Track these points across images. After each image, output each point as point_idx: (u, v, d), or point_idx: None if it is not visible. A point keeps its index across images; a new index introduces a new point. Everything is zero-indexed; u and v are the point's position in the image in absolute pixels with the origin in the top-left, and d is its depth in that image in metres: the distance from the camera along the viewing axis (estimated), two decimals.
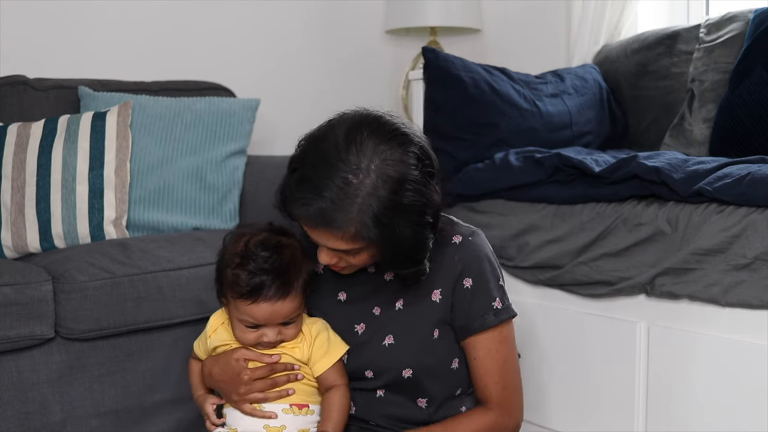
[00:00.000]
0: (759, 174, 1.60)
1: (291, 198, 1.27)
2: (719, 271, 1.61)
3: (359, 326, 1.44)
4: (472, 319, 1.41)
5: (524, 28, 3.04)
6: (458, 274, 1.40)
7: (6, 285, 1.71)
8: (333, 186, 1.21)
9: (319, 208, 1.22)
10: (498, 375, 1.42)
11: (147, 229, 2.20)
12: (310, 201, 1.23)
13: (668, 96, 2.41)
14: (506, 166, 2.08)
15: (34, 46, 2.54)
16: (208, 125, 2.35)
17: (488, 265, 1.43)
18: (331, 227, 1.23)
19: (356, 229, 1.23)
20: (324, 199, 1.22)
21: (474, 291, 1.41)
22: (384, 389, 1.44)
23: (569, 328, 1.93)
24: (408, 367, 1.41)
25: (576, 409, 1.92)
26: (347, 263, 1.34)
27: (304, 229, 1.31)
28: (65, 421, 1.80)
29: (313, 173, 1.23)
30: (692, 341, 1.67)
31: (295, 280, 1.34)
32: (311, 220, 1.25)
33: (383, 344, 1.41)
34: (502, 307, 1.42)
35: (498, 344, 1.42)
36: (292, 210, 1.28)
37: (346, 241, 1.26)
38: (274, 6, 3.06)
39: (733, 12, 2.29)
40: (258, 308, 1.32)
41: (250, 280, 1.31)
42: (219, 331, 1.43)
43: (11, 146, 2.09)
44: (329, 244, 1.29)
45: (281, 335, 1.36)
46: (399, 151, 1.25)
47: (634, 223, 1.79)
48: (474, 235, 1.44)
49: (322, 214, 1.22)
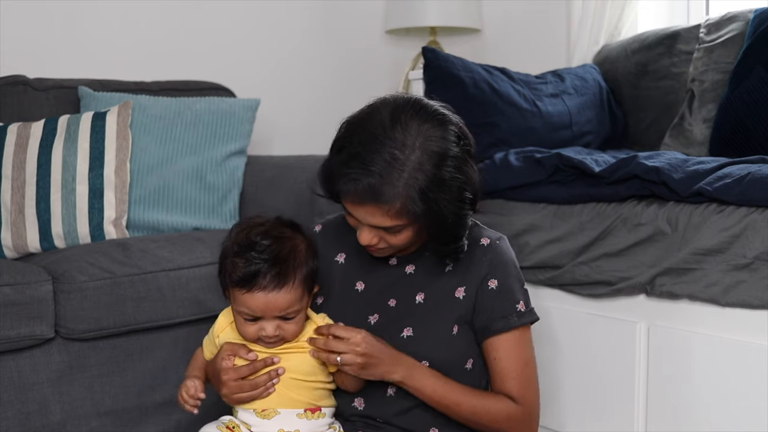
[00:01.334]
0: (759, 174, 1.60)
1: (338, 175, 1.30)
2: (719, 271, 1.61)
3: (373, 317, 1.45)
4: (496, 320, 1.43)
5: (524, 28, 3.04)
6: (484, 274, 1.43)
7: (6, 285, 1.71)
8: (381, 161, 1.26)
9: (368, 182, 1.26)
10: (518, 373, 1.44)
11: (147, 229, 2.20)
12: (358, 176, 1.27)
13: (668, 96, 2.41)
14: (506, 166, 2.08)
15: (34, 46, 2.54)
16: (208, 125, 2.35)
17: (514, 269, 1.46)
18: (378, 201, 1.27)
19: (402, 203, 1.27)
20: (372, 173, 1.26)
21: (499, 292, 1.43)
22: (395, 387, 1.43)
23: (569, 328, 1.93)
24: (425, 359, 1.41)
25: (576, 409, 1.92)
26: (387, 243, 1.36)
27: (348, 209, 1.33)
28: (65, 421, 1.80)
29: (361, 149, 1.28)
30: (692, 341, 1.67)
31: (292, 272, 1.33)
32: (359, 195, 1.28)
33: (401, 336, 1.42)
34: (525, 310, 1.45)
35: (519, 346, 1.44)
36: (340, 187, 1.30)
37: (391, 217, 1.29)
38: (274, 6, 3.06)
39: (733, 12, 2.29)
40: (252, 298, 1.32)
41: (246, 267, 1.31)
42: (227, 330, 1.42)
43: (11, 146, 2.09)
44: (374, 221, 1.31)
45: (281, 330, 1.35)
46: (440, 129, 1.31)
47: (634, 223, 1.79)
48: (501, 240, 1.48)
49: (371, 188, 1.26)
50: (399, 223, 1.31)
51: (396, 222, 1.30)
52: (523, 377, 1.44)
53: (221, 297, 1.97)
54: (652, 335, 1.75)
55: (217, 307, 1.97)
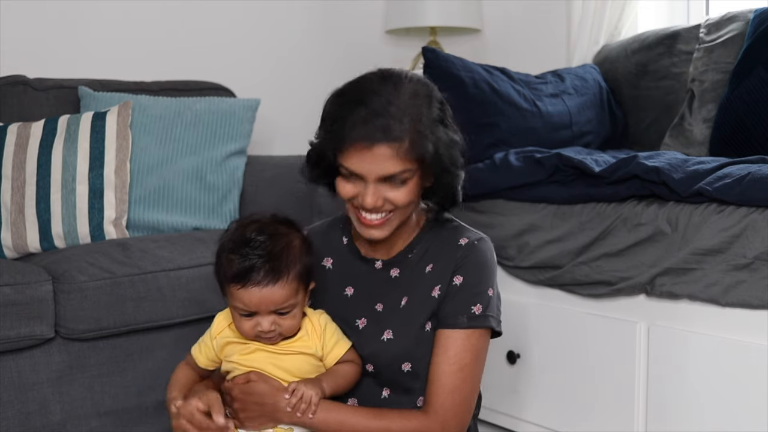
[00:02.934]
0: (759, 174, 1.60)
1: (342, 128, 1.32)
2: (719, 271, 1.61)
3: (360, 321, 1.47)
4: (447, 316, 1.41)
5: (524, 28, 3.04)
6: (452, 271, 1.43)
7: (6, 285, 1.71)
8: (383, 104, 1.32)
9: (378, 121, 1.31)
10: (447, 379, 1.39)
11: (147, 229, 2.20)
12: (369, 118, 1.31)
13: (668, 96, 2.41)
14: (506, 166, 2.08)
15: (34, 46, 2.54)
16: (208, 125, 2.35)
17: (484, 271, 1.44)
18: (389, 139, 1.31)
19: (410, 139, 1.32)
20: (380, 113, 1.31)
21: (460, 289, 1.42)
22: (389, 389, 1.44)
23: (569, 328, 1.93)
24: (406, 360, 1.42)
25: (576, 409, 1.92)
26: (390, 207, 1.36)
27: (353, 164, 1.33)
28: (65, 421, 1.80)
29: (363, 97, 1.33)
30: (692, 341, 1.67)
31: (286, 268, 1.34)
32: (369, 135, 1.31)
33: (382, 338, 1.43)
34: (480, 314, 1.41)
35: (461, 349, 1.40)
36: (347, 134, 1.32)
37: (401, 157, 1.31)
38: (274, 6, 3.06)
39: (733, 12, 2.29)
40: (247, 293, 1.33)
41: (240, 263, 1.33)
42: (226, 331, 1.43)
43: (11, 146, 2.09)
44: (382, 167, 1.32)
45: (277, 326, 1.36)
46: (422, 82, 1.40)
47: (634, 223, 1.79)
48: (480, 241, 1.46)
49: (382, 126, 1.30)
50: (407, 167, 1.33)
51: (405, 165, 1.32)
52: (452, 383, 1.39)
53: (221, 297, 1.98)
54: (652, 335, 1.75)
55: (217, 308, 1.96)
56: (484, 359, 1.45)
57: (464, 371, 1.40)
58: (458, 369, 1.40)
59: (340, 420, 1.36)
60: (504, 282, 2.09)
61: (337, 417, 1.36)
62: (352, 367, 1.43)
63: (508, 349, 2.06)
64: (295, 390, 1.34)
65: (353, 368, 1.43)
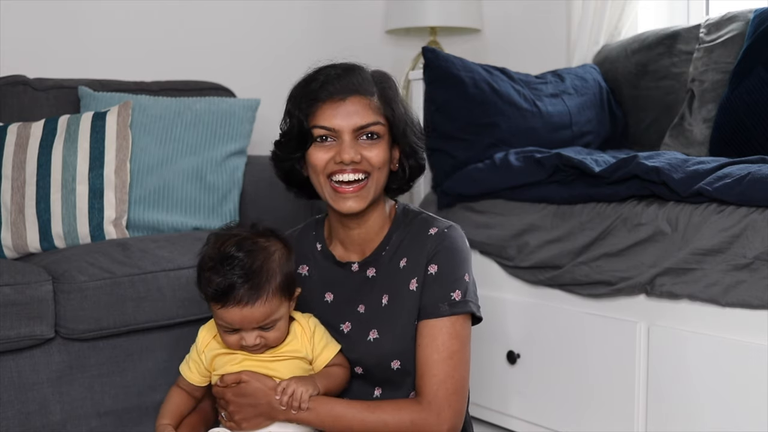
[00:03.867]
0: (759, 174, 1.60)
1: (313, 91, 1.43)
2: (719, 271, 1.61)
3: (345, 325, 1.47)
4: (428, 305, 1.42)
5: (524, 28, 3.04)
6: (426, 261, 1.43)
7: (6, 285, 1.71)
8: (354, 68, 1.48)
9: (351, 79, 1.44)
10: (438, 368, 1.39)
11: (147, 229, 2.20)
12: (341, 75, 1.44)
13: (668, 96, 2.41)
14: (506, 166, 2.08)
15: (34, 46, 2.54)
16: (208, 125, 2.35)
17: (457, 257, 1.44)
18: (361, 92, 1.43)
19: (379, 96, 1.44)
20: (351, 77, 1.45)
21: (436, 278, 1.42)
22: (380, 388, 1.45)
23: (569, 328, 1.93)
24: (395, 358, 1.43)
25: (576, 409, 1.92)
26: (368, 164, 1.41)
27: (328, 118, 1.41)
28: (65, 421, 1.80)
29: (335, 66, 1.49)
30: (692, 341, 1.67)
31: (266, 284, 1.33)
32: (343, 89, 1.42)
33: (368, 339, 1.44)
34: (460, 300, 1.41)
35: (447, 336, 1.40)
36: (320, 94, 1.42)
37: (374, 110, 1.42)
38: (274, 6, 3.06)
39: (733, 12, 2.29)
40: (228, 312, 1.32)
41: (219, 283, 1.31)
42: (212, 344, 1.42)
43: (11, 146, 2.09)
44: (357, 118, 1.41)
45: (262, 339, 1.36)
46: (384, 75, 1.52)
47: (634, 223, 1.79)
48: (450, 229, 1.47)
49: (355, 83, 1.43)
50: (378, 120, 1.42)
51: (376, 117, 1.42)
52: (443, 371, 1.38)
53: None
54: (652, 335, 1.75)
55: None
56: (469, 347, 1.44)
57: (454, 359, 1.40)
58: (447, 357, 1.39)
59: (335, 415, 1.36)
60: (504, 282, 2.09)
61: (332, 412, 1.37)
62: (342, 370, 1.44)
63: (508, 349, 2.06)
64: (285, 388, 1.34)
65: (343, 371, 1.44)
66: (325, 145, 1.40)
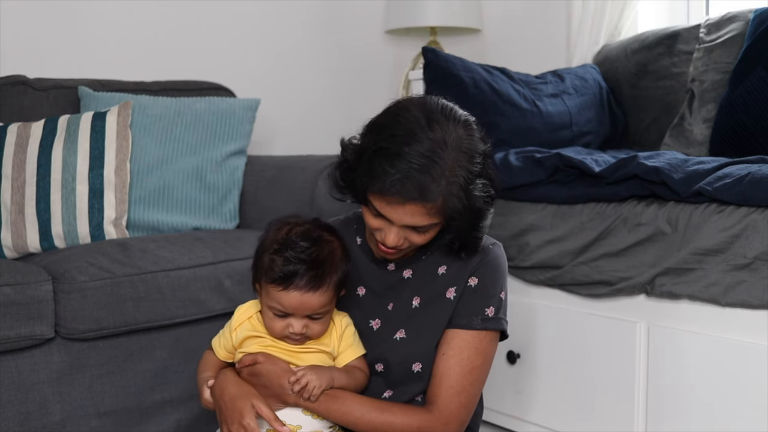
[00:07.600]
0: (759, 174, 1.60)
1: (379, 175, 1.29)
2: (719, 271, 1.61)
3: (374, 322, 1.47)
4: (461, 316, 1.42)
5: (524, 28, 3.04)
6: (469, 273, 1.43)
7: (6, 285, 1.71)
8: (424, 160, 1.28)
9: (416, 181, 1.27)
10: (456, 380, 1.40)
11: (147, 229, 2.20)
12: (405, 174, 1.27)
13: (668, 96, 2.41)
14: (506, 166, 2.08)
15: (34, 46, 2.54)
16: (208, 125, 2.35)
17: (497, 274, 1.45)
18: (424, 200, 1.28)
19: (443, 199, 1.29)
20: (419, 172, 1.27)
21: (475, 290, 1.43)
22: (392, 390, 1.44)
23: (569, 328, 1.93)
24: (418, 361, 1.42)
25: (576, 409, 1.92)
26: (409, 244, 1.37)
27: (380, 209, 1.32)
28: (65, 421, 1.80)
29: (404, 148, 1.28)
30: (692, 341, 1.67)
31: (328, 276, 1.35)
32: (405, 195, 1.28)
33: (394, 338, 1.44)
34: (493, 316, 1.42)
35: (473, 351, 1.41)
36: (380, 187, 1.29)
37: (431, 215, 1.30)
38: (274, 6, 3.06)
39: (733, 12, 2.29)
40: (288, 296, 1.34)
41: (284, 266, 1.33)
42: (246, 324, 1.43)
43: (11, 146, 2.09)
44: (411, 221, 1.31)
45: (307, 329, 1.37)
46: (468, 129, 1.35)
47: (634, 223, 1.79)
48: (495, 246, 1.48)
49: (419, 187, 1.27)
50: (434, 222, 1.33)
51: (432, 220, 1.32)
52: (460, 384, 1.39)
53: (221, 297, 1.98)
54: (652, 335, 1.75)
55: (216, 307, 1.97)
56: (491, 364, 1.45)
57: (473, 374, 1.41)
58: (468, 371, 1.40)
59: (344, 411, 1.37)
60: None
61: (342, 407, 1.37)
62: (361, 374, 1.44)
63: (508, 349, 2.06)
64: (300, 378, 1.34)
65: (362, 375, 1.44)
66: (377, 217, 1.36)
